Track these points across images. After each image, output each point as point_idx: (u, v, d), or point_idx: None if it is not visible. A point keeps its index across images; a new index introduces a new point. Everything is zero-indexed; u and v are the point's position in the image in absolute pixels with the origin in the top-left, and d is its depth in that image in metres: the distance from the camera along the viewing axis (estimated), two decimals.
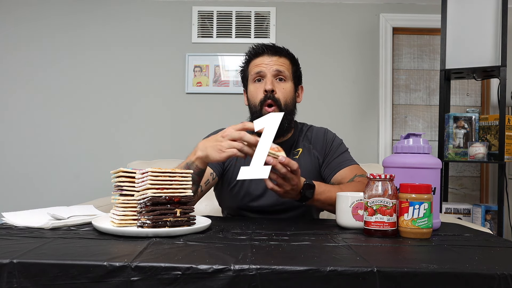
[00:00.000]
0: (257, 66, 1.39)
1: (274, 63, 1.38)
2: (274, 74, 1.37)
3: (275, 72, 1.37)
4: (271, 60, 1.39)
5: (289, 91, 1.39)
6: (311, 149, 1.45)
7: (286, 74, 1.39)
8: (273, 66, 1.38)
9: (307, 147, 1.45)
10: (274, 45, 1.42)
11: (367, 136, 2.91)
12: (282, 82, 1.38)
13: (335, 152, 1.44)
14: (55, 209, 1.17)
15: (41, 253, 0.75)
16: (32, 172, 2.87)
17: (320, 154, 1.44)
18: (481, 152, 2.39)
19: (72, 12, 2.91)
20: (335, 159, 1.42)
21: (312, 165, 1.43)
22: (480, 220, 2.44)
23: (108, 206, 1.68)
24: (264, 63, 1.38)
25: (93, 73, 2.90)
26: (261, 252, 0.79)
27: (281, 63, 1.39)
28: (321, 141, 1.46)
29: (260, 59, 1.40)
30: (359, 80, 2.92)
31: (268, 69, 1.37)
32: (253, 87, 1.40)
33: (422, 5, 2.91)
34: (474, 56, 2.39)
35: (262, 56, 1.40)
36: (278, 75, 1.38)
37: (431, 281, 0.69)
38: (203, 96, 2.90)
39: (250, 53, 1.43)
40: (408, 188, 0.97)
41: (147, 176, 0.96)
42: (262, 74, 1.38)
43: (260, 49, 1.40)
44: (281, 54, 1.41)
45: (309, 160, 1.43)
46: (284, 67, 1.40)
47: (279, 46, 1.43)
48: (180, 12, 2.92)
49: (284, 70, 1.39)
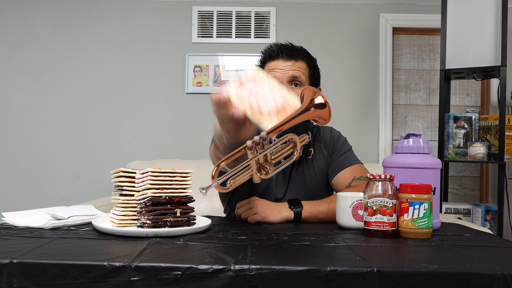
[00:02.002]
0: (272, 70, 1.33)
1: (289, 68, 1.32)
2: (289, 80, 1.32)
3: (290, 78, 1.31)
4: (286, 65, 1.32)
5: None
6: (321, 148, 1.43)
7: (302, 79, 1.33)
8: (288, 72, 1.31)
9: (318, 146, 1.44)
10: (291, 46, 1.35)
11: (367, 136, 2.91)
12: (298, 87, 1.32)
13: (340, 151, 1.43)
14: (55, 209, 1.17)
15: (41, 253, 0.75)
16: (32, 172, 2.87)
17: (328, 152, 1.43)
18: (481, 152, 2.39)
19: (72, 12, 2.91)
20: (338, 159, 1.41)
21: (325, 165, 1.42)
22: (480, 220, 2.44)
23: (108, 206, 1.68)
24: (279, 68, 1.32)
25: (93, 73, 2.90)
26: (261, 252, 0.79)
27: (297, 67, 1.33)
28: (329, 139, 1.45)
29: (275, 63, 1.33)
30: (359, 80, 2.92)
31: (283, 74, 1.31)
32: None
33: (422, 5, 2.91)
34: (474, 56, 2.39)
35: (277, 60, 1.33)
36: (294, 80, 1.32)
37: (431, 281, 0.69)
38: (203, 96, 2.90)
39: (265, 54, 1.37)
40: (408, 188, 0.96)
41: (147, 176, 0.96)
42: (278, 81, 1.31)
43: (275, 51, 1.34)
44: (297, 57, 1.34)
45: (322, 160, 1.42)
46: (300, 72, 1.33)
47: (296, 47, 1.36)
48: (180, 12, 2.92)
49: (300, 75, 1.32)
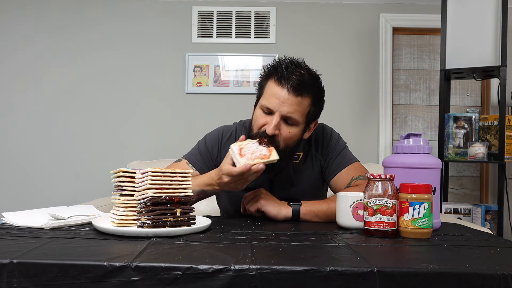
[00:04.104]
0: (272, 96, 1.23)
1: (290, 103, 1.22)
2: (283, 117, 1.23)
3: (286, 115, 1.23)
4: (288, 98, 1.22)
5: (295, 135, 1.26)
6: (312, 151, 1.40)
7: (297, 120, 1.24)
8: (285, 108, 1.22)
9: (308, 149, 1.40)
10: (302, 81, 1.23)
11: (367, 136, 2.91)
12: (290, 126, 1.25)
13: (335, 151, 1.39)
14: (55, 209, 1.17)
15: (41, 253, 0.75)
16: (32, 172, 2.87)
17: (322, 155, 1.39)
18: (481, 152, 2.39)
19: (72, 12, 2.91)
20: (334, 159, 1.38)
21: (314, 169, 1.39)
22: (480, 220, 2.44)
23: (108, 206, 1.68)
24: (280, 100, 1.22)
25: (93, 73, 2.90)
26: (261, 252, 0.79)
27: (298, 105, 1.23)
28: (322, 140, 1.40)
29: (279, 89, 1.23)
30: (359, 80, 2.92)
31: (280, 108, 1.22)
32: (260, 113, 1.27)
33: (422, 5, 2.91)
34: (474, 56, 2.39)
35: (282, 88, 1.22)
36: (288, 118, 1.24)
37: (431, 281, 0.69)
38: (203, 96, 2.90)
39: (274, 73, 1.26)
40: (408, 188, 0.97)
41: (147, 176, 0.96)
42: (272, 111, 1.24)
43: (284, 80, 1.22)
44: (303, 93, 1.23)
45: (311, 164, 1.39)
46: (299, 111, 1.24)
47: (308, 80, 1.24)
48: (180, 12, 2.92)
49: (296, 117, 1.23)
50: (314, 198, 1.31)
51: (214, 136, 1.44)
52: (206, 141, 1.43)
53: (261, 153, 1.14)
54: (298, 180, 1.38)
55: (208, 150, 1.41)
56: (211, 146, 1.41)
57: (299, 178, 1.38)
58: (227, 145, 1.40)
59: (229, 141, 1.41)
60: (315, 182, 1.41)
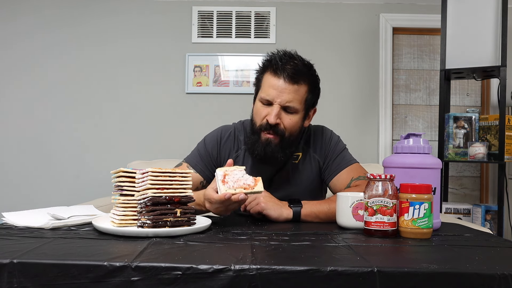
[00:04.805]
0: (270, 87, 1.27)
1: (288, 91, 1.26)
2: (283, 106, 1.27)
3: (285, 104, 1.26)
4: (285, 87, 1.26)
5: (296, 122, 1.30)
6: (310, 152, 1.41)
7: (296, 108, 1.28)
8: (284, 97, 1.26)
9: (306, 150, 1.41)
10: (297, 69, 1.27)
11: (367, 136, 2.91)
12: (290, 114, 1.29)
13: (334, 152, 1.40)
14: (55, 209, 1.17)
15: (41, 253, 0.75)
16: (32, 172, 2.87)
17: (320, 156, 1.40)
18: (481, 152, 2.39)
19: (71, 12, 2.91)
20: (334, 161, 1.39)
21: (313, 170, 1.40)
22: (480, 220, 2.44)
23: (108, 206, 1.68)
24: (278, 90, 1.26)
25: (93, 73, 2.90)
26: (261, 252, 0.79)
27: (295, 93, 1.27)
28: (320, 141, 1.42)
29: (275, 80, 1.27)
30: (359, 80, 2.92)
31: (278, 98, 1.26)
32: (259, 106, 1.31)
33: (422, 5, 2.91)
34: (474, 56, 2.39)
35: (279, 78, 1.26)
36: (287, 107, 1.28)
37: (431, 281, 0.69)
38: (203, 96, 2.90)
39: (269, 65, 1.30)
40: (408, 188, 0.97)
41: (147, 176, 0.96)
42: (271, 102, 1.27)
43: (279, 70, 1.26)
44: (299, 81, 1.27)
45: (309, 165, 1.40)
46: (297, 99, 1.27)
47: (302, 69, 1.28)
48: (180, 12, 2.92)
49: (295, 105, 1.27)
50: (312, 198, 1.32)
51: (213, 137, 1.45)
52: (206, 142, 1.44)
53: (245, 183, 1.08)
54: (296, 179, 1.39)
55: (208, 152, 1.42)
56: (210, 148, 1.42)
57: (298, 178, 1.39)
58: (226, 145, 1.42)
59: (228, 141, 1.42)
60: (313, 183, 1.42)
